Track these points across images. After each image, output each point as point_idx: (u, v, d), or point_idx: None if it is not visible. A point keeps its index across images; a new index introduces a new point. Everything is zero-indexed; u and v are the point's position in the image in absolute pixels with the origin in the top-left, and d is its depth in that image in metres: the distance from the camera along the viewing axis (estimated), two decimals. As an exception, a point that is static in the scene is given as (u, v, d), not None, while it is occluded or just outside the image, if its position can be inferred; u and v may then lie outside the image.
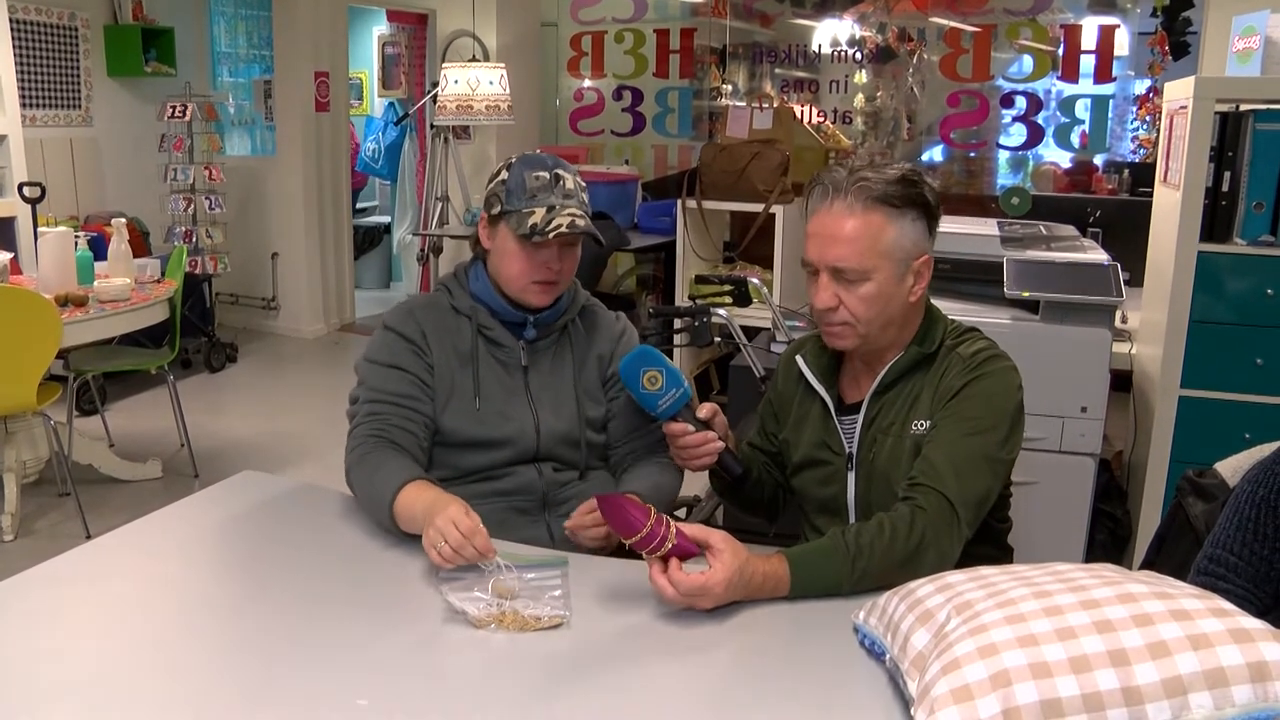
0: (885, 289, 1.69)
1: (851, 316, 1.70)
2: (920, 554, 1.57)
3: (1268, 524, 1.50)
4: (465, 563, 1.52)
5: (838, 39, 6.69)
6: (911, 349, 1.77)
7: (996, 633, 1.13)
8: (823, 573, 1.53)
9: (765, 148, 4.83)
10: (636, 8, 7.23)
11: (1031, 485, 2.80)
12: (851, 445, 1.80)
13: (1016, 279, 2.83)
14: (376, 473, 1.75)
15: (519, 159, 1.90)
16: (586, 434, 1.96)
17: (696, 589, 1.45)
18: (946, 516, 1.60)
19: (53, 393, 3.74)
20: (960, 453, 1.66)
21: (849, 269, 1.67)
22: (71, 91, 6.01)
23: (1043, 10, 6.09)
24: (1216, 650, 1.05)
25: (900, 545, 1.56)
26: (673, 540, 1.45)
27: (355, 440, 1.83)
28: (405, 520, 1.67)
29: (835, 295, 1.69)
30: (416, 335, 1.91)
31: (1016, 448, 1.73)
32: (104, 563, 1.65)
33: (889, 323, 1.73)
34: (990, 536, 1.84)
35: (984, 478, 1.66)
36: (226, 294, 6.99)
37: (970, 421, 1.68)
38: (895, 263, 1.68)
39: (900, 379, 1.77)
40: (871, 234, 1.66)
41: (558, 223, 1.82)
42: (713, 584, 1.45)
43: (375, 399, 1.86)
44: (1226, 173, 2.70)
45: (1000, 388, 1.71)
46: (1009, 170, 6.37)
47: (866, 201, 1.66)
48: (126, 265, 4.10)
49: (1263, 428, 2.71)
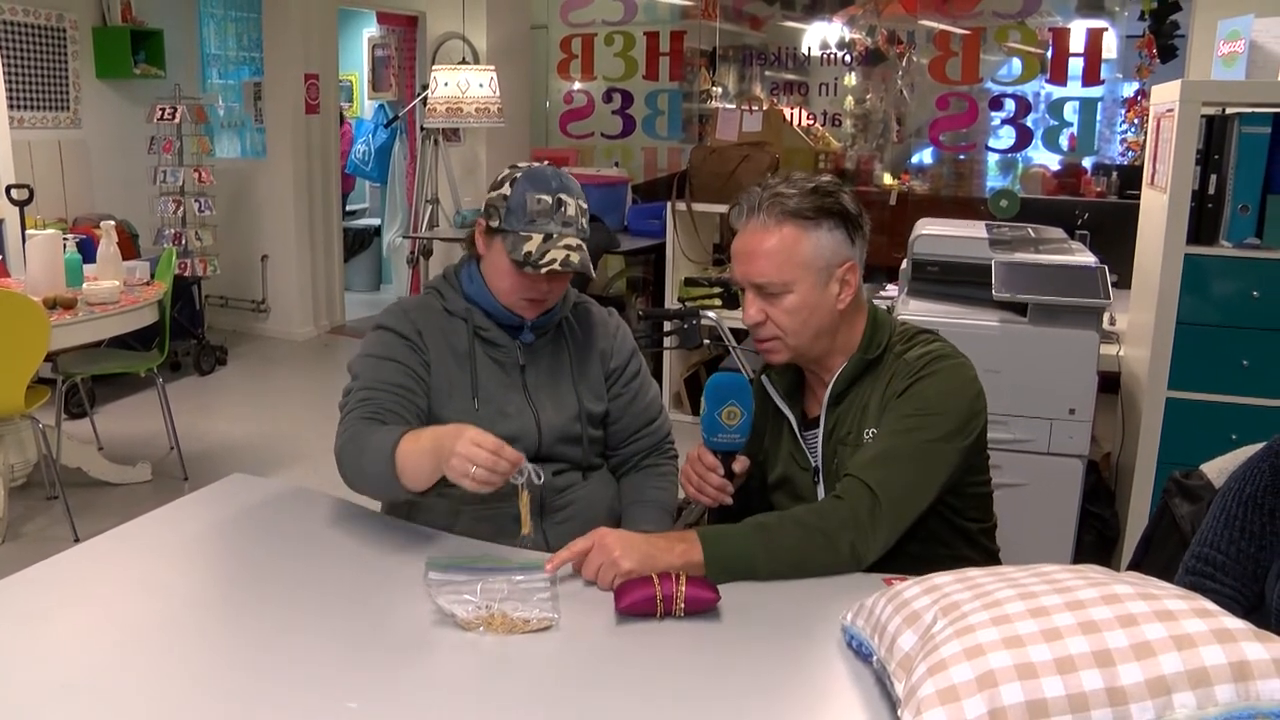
0: (808, 299, 1.72)
1: (779, 330, 1.74)
2: (836, 536, 1.59)
3: (1254, 521, 1.52)
4: (501, 480, 1.55)
5: (827, 42, 6.71)
6: (856, 356, 1.79)
7: (983, 634, 1.14)
8: (733, 544, 1.58)
9: (755, 150, 4.85)
10: (626, 10, 7.24)
11: (1020, 487, 2.81)
12: (816, 459, 1.84)
13: (1004, 281, 2.84)
14: (369, 440, 1.71)
15: (524, 174, 1.86)
16: (588, 430, 1.97)
17: (586, 540, 1.54)
18: (866, 503, 1.62)
19: (41, 396, 3.73)
20: (891, 446, 1.69)
21: (768, 283, 1.72)
22: (60, 93, 5.99)
23: (1031, 13, 6.11)
24: (1200, 650, 1.06)
25: (814, 524, 1.60)
26: (683, 587, 1.46)
27: (346, 424, 1.80)
28: (412, 468, 1.63)
29: (761, 310, 1.74)
30: (412, 333, 1.90)
31: (969, 440, 1.73)
32: (93, 566, 1.65)
33: (819, 332, 1.76)
34: (970, 538, 1.85)
35: (916, 469, 1.67)
36: (216, 296, 6.98)
37: (906, 419, 1.71)
38: (815, 272, 1.72)
39: (850, 388, 1.80)
40: (787, 247, 1.70)
41: (551, 257, 1.80)
42: (599, 534, 1.55)
43: (368, 387, 1.84)
44: (1213, 175, 2.71)
45: (944, 384, 1.73)
46: (998, 172, 6.40)
47: (779, 216, 1.70)
48: (115, 268, 4.09)
49: (1249, 429, 2.72)
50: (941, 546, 1.78)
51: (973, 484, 1.82)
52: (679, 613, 1.46)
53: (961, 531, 1.83)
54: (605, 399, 2.01)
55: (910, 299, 3.03)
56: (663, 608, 1.45)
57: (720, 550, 1.56)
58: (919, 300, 3.00)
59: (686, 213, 4.91)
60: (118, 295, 3.86)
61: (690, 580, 1.47)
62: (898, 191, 6.31)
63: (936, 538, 1.78)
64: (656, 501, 2.01)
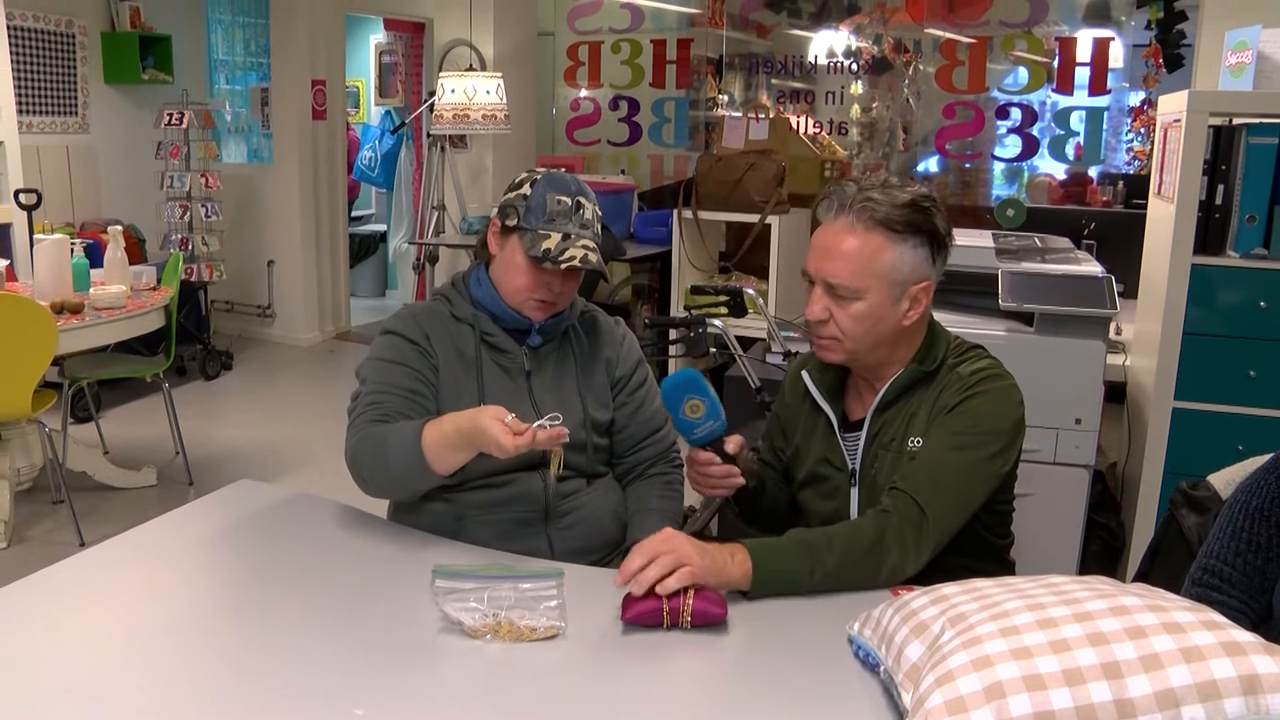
0: (876, 310, 1.70)
1: (840, 332, 1.73)
2: (880, 553, 1.58)
3: (1261, 534, 1.51)
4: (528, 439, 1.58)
5: (834, 50, 6.71)
6: (911, 367, 1.78)
7: (990, 645, 1.14)
8: (782, 561, 1.56)
9: (761, 158, 4.85)
10: (633, 18, 7.25)
11: (1026, 496, 2.79)
12: (854, 461, 1.82)
13: (1011, 291, 2.84)
14: (389, 433, 1.75)
15: (545, 177, 1.90)
16: (593, 438, 1.97)
17: (659, 541, 1.49)
18: (914, 520, 1.62)
19: (47, 400, 3.74)
20: (941, 462, 1.67)
21: (841, 285, 1.69)
22: (68, 98, 6.01)
23: (1038, 23, 6.11)
24: (1209, 663, 1.06)
25: (860, 541, 1.59)
26: (690, 601, 1.46)
27: (357, 428, 1.81)
28: (439, 445, 1.67)
29: (827, 309, 1.72)
30: (420, 337, 1.91)
31: (1010, 462, 1.74)
32: (99, 571, 1.65)
33: (878, 343, 1.75)
34: (990, 553, 1.85)
35: (962, 489, 1.67)
36: (222, 301, 7.00)
37: (957, 436, 1.69)
38: (890, 285, 1.70)
39: (901, 396, 1.79)
40: (868, 255, 1.68)
41: (570, 254, 1.83)
42: (668, 535, 1.51)
43: (377, 390, 1.85)
44: (1220, 186, 2.71)
45: (994, 405, 1.72)
46: (1004, 181, 6.39)
47: (868, 222, 1.67)
48: (122, 272, 4.10)
49: (1256, 440, 2.71)
50: (965, 557, 1.76)
51: (1001, 502, 1.82)
52: (685, 625, 1.46)
53: (986, 545, 1.83)
54: (611, 407, 2.01)
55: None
56: (669, 620, 1.45)
57: (768, 570, 1.55)
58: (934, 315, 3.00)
59: (692, 220, 4.91)
60: (124, 300, 3.87)
61: (698, 594, 1.47)
62: (904, 200, 6.30)
63: (961, 550, 1.76)
64: (662, 510, 2.01)
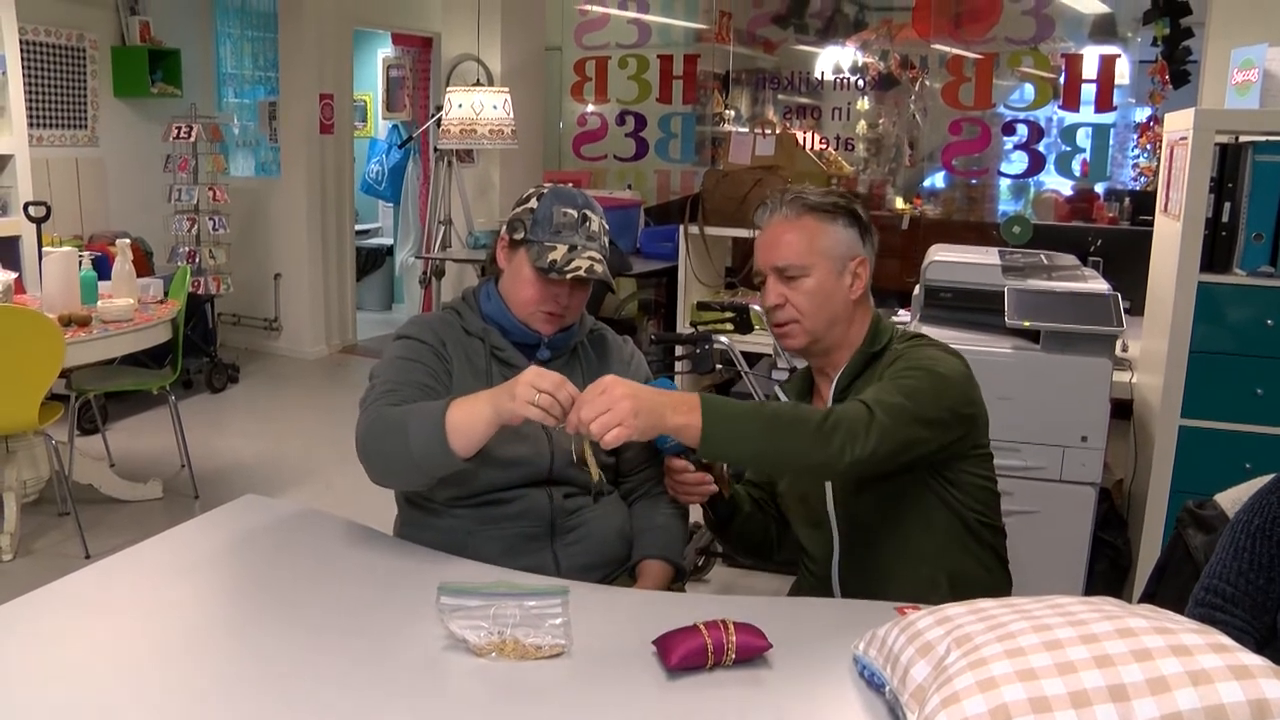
0: (825, 284, 1.85)
1: (797, 313, 1.85)
2: (830, 429, 1.62)
3: (1264, 554, 1.51)
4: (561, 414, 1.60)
5: (840, 66, 6.73)
6: (860, 350, 1.89)
7: (996, 666, 1.13)
8: (732, 409, 1.60)
9: (768, 174, 4.85)
10: (640, 33, 7.27)
11: (1032, 514, 2.80)
12: None
13: (1017, 308, 2.84)
14: (412, 409, 1.73)
15: (551, 190, 1.92)
16: (600, 455, 1.96)
17: (594, 392, 1.56)
18: (861, 415, 1.66)
19: (54, 412, 3.75)
20: (882, 387, 1.75)
21: (790, 265, 1.85)
22: (78, 112, 6.05)
23: (1044, 39, 6.12)
24: (1217, 687, 1.05)
25: (810, 416, 1.64)
26: (733, 635, 1.41)
27: (371, 410, 1.79)
28: (465, 422, 1.67)
29: (781, 294, 1.86)
30: (436, 341, 1.93)
31: (956, 404, 1.78)
32: (105, 587, 1.66)
33: (833, 319, 1.87)
34: (970, 528, 1.88)
35: (904, 400, 1.70)
36: (229, 314, 7.01)
37: (898, 374, 1.78)
38: (832, 260, 1.86)
39: (853, 382, 1.88)
40: (808, 236, 1.86)
41: (576, 264, 1.85)
42: (608, 380, 1.57)
43: (390, 384, 1.84)
44: (1226, 204, 2.71)
45: (934, 353, 1.83)
46: (1010, 197, 6.39)
47: (801, 209, 1.88)
48: (130, 285, 4.11)
49: (1263, 458, 2.71)
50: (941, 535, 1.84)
51: (971, 474, 1.87)
52: (729, 662, 1.41)
53: (961, 519, 1.86)
54: None
55: (923, 325, 3.03)
56: (713, 658, 1.40)
57: (718, 418, 1.58)
58: (931, 326, 3.00)
59: (699, 236, 4.92)
60: (132, 313, 3.89)
61: (739, 627, 1.42)
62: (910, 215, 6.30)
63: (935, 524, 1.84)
64: (667, 528, 2.01)
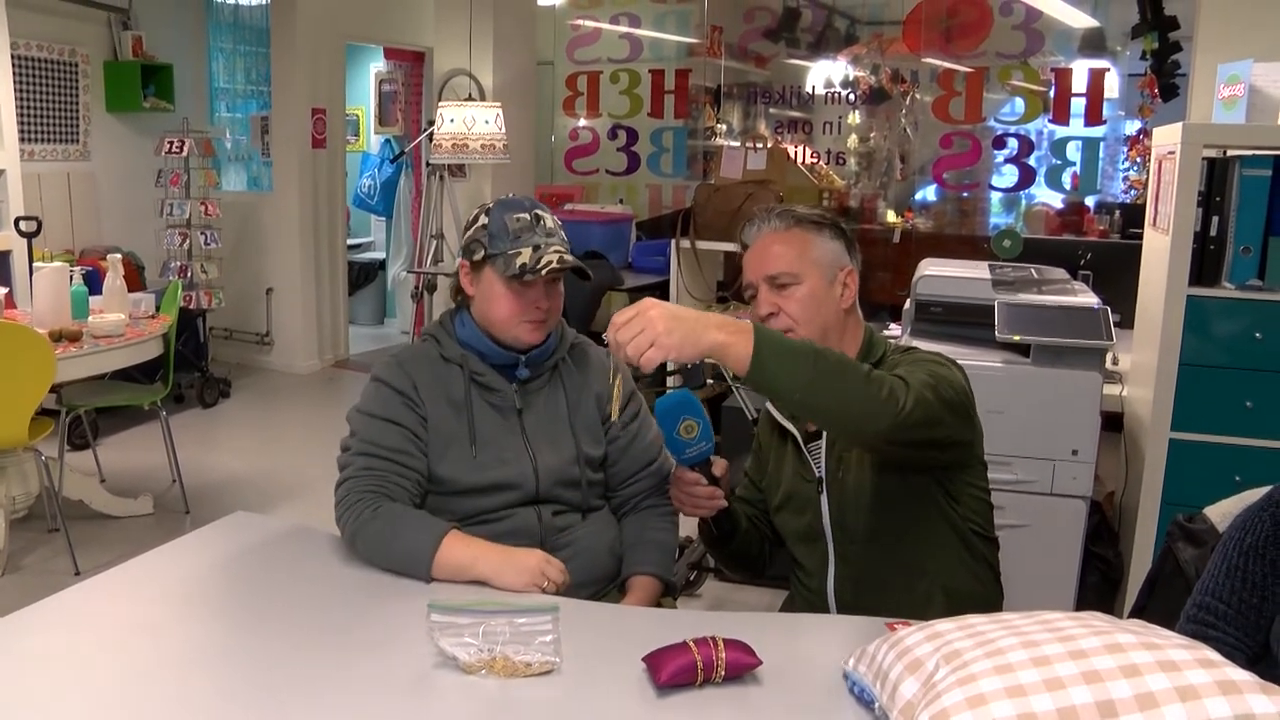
0: (817, 292, 1.85)
1: (791, 321, 1.84)
2: (878, 380, 1.60)
3: (1256, 571, 1.51)
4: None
5: (831, 80, 6.76)
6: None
7: (985, 683, 1.13)
8: (785, 339, 1.58)
9: (759, 188, 4.86)
10: (632, 48, 7.30)
11: (1022, 528, 2.80)
12: (820, 469, 1.89)
13: (1007, 322, 2.85)
14: (401, 525, 1.77)
15: (496, 204, 1.94)
16: (586, 473, 1.97)
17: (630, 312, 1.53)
18: (901, 383, 1.64)
19: (44, 428, 3.73)
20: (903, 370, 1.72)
21: (782, 273, 1.84)
22: (70, 126, 6.05)
23: (1034, 53, 6.16)
24: (1204, 702, 1.05)
25: (859, 367, 1.62)
26: (723, 652, 1.40)
27: (353, 497, 1.81)
28: (453, 563, 1.73)
29: (774, 303, 1.85)
30: (408, 387, 1.91)
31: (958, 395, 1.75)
32: (94, 604, 1.65)
33: (826, 328, 1.86)
34: (977, 552, 1.88)
35: (928, 375, 1.70)
36: (221, 329, 7.00)
37: (911, 367, 1.76)
38: (823, 269, 1.86)
39: None
40: (798, 246, 1.86)
41: (547, 260, 1.86)
42: (645, 304, 1.53)
43: (368, 452, 1.86)
44: (1214, 217, 2.72)
45: (939, 362, 1.81)
46: (1001, 211, 6.42)
47: (789, 222, 1.88)
48: (121, 300, 4.10)
49: (1253, 470, 2.71)
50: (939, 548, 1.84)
51: (968, 484, 1.87)
52: (718, 679, 1.41)
53: (958, 532, 1.86)
54: (603, 442, 2.01)
55: (914, 339, 3.04)
56: (703, 675, 1.39)
57: (771, 342, 1.54)
58: (922, 340, 3.00)
59: (690, 250, 4.93)
60: (123, 328, 3.88)
61: (729, 644, 1.42)
62: (901, 229, 6.32)
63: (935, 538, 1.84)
64: (658, 542, 2.01)
